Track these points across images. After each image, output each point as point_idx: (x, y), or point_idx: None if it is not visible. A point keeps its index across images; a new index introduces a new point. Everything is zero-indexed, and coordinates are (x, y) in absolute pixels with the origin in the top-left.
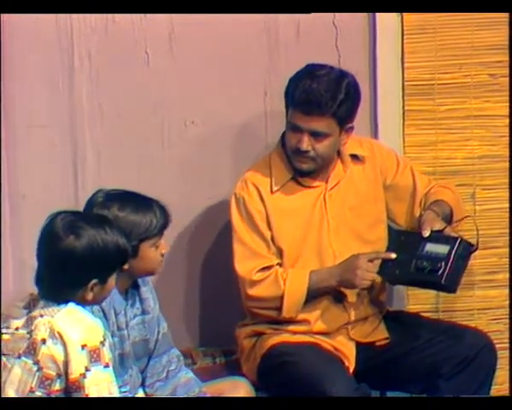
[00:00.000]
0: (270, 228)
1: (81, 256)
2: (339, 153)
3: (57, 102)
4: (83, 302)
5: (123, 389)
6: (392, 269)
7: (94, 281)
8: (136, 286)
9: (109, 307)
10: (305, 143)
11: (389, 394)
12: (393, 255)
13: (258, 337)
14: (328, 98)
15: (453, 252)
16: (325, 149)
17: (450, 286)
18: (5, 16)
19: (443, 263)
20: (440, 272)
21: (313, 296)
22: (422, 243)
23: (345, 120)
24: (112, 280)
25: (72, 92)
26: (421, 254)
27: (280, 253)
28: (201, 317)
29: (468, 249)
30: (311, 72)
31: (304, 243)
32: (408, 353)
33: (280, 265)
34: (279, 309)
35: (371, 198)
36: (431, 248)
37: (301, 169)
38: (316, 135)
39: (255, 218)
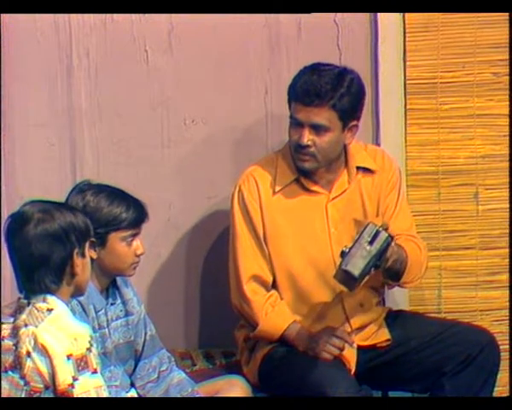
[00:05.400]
0: (265, 231)
1: (53, 232)
2: (346, 163)
3: (56, 101)
4: (71, 285)
5: (113, 382)
6: None
7: (76, 250)
8: (116, 287)
9: (88, 302)
10: (306, 138)
11: (391, 394)
12: (355, 345)
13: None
14: (327, 89)
15: (358, 237)
16: (326, 144)
17: (351, 271)
18: (5, 16)
19: (349, 248)
20: (345, 256)
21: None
22: None
23: (347, 115)
24: (87, 255)
25: (71, 91)
26: None
27: (274, 260)
28: (201, 318)
29: (377, 234)
30: (314, 67)
31: (301, 252)
32: (410, 352)
33: (273, 277)
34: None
35: (376, 213)
36: None
37: (303, 168)
38: (316, 128)
39: (252, 215)
